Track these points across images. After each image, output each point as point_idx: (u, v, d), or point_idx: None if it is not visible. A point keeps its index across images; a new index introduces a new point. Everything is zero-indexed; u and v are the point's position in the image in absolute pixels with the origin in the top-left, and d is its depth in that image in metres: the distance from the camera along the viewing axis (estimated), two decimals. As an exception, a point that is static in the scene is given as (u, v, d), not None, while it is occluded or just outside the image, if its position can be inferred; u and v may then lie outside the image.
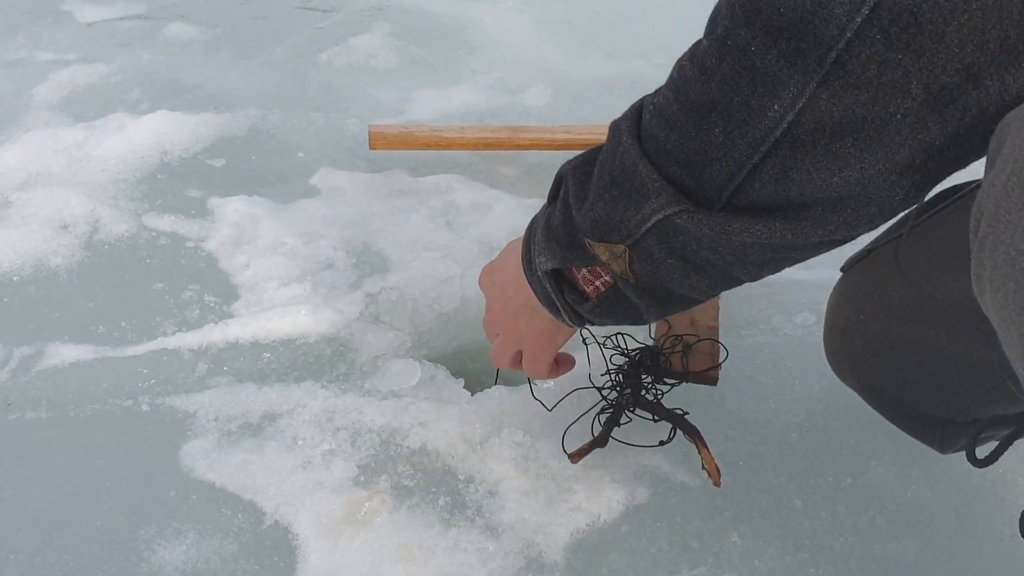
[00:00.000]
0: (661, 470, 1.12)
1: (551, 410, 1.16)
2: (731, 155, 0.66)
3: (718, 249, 0.71)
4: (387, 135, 1.70)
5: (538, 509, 1.06)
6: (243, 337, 1.29)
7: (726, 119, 0.65)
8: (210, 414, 1.17)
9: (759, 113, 0.63)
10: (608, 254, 0.78)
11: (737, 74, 0.63)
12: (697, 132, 0.67)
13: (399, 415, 1.17)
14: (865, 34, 0.57)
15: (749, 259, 0.72)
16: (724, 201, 0.68)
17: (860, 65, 0.58)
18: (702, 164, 0.68)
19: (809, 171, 0.64)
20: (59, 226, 1.48)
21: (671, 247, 0.73)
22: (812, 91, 0.60)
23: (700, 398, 1.21)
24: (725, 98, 0.64)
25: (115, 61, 2.03)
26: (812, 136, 0.62)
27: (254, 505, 1.06)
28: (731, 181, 0.67)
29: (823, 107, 0.61)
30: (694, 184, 0.69)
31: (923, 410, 1.05)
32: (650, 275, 0.77)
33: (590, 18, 2.33)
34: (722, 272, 0.74)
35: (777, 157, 0.64)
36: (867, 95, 0.59)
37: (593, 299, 0.85)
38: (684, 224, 0.70)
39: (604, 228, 0.76)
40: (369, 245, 1.48)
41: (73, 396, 1.20)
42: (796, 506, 1.10)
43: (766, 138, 0.63)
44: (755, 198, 0.67)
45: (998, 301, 0.54)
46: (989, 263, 0.54)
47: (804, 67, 0.60)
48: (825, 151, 0.62)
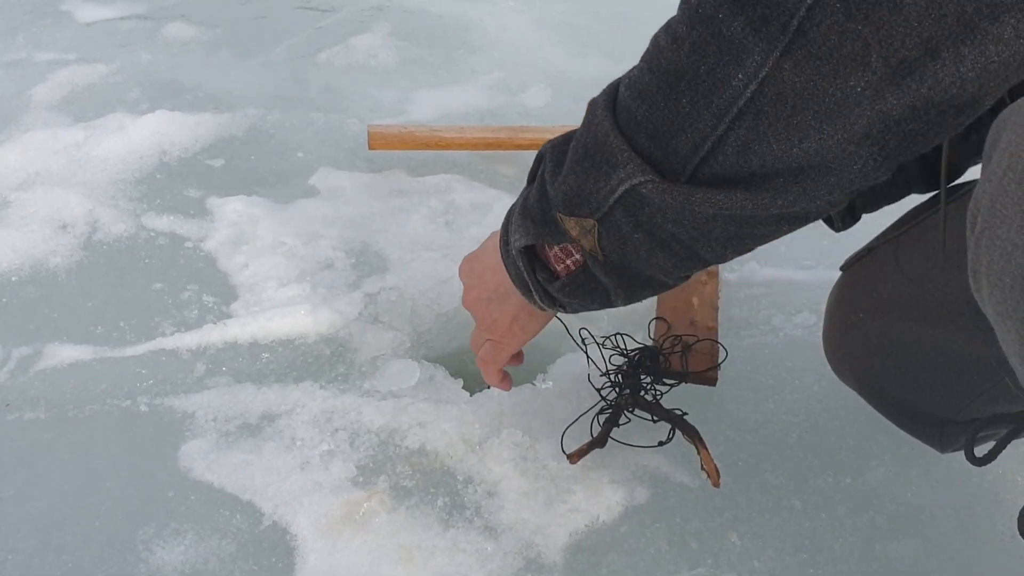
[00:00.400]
0: (660, 471, 1.12)
1: None
2: (696, 126, 0.66)
3: (682, 223, 0.71)
4: (386, 135, 1.70)
5: (537, 510, 1.06)
6: (242, 337, 1.28)
7: (693, 88, 0.65)
8: (209, 414, 1.17)
9: (724, 82, 0.63)
10: (578, 229, 0.78)
11: (705, 42, 0.64)
12: (666, 102, 0.67)
13: (398, 415, 1.17)
14: (825, 2, 0.58)
15: (712, 234, 0.72)
16: (689, 173, 0.69)
17: (821, 35, 0.58)
18: (669, 135, 0.68)
19: (770, 142, 0.64)
20: (58, 226, 1.48)
21: (638, 220, 0.73)
22: (775, 60, 0.60)
23: (699, 398, 1.21)
24: (693, 67, 0.65)
25: (115, 61, 2.03)
26: (774, 106, 0.62)
27: (252, 505, 1.06)
28: (696, 153, 0.67)
29: (786, 77, 0.61)
30: (661, 156, 0.70)
31: (923, 409, 1.05)
32: (618, 252, 0.77)
33: (590, 18, 2.33)
34: (687, 248, 0.74)
35: (740, 129, 0.64)
36: (828, 66, 0.59)
37: (563, 277, 0.85)
38: (649, 194, 0.71)
39: (575, 201, 0.76)
40: (368, 245, 1.48)
41: (72, 396, 1.20)
42: (795, 506, 1.10)
43: (730, 108, 0.64)
44: (719, 170, 0.67)
45: (995, 296, 0.54)
46: (986, 258, 0.54)
47: (768, 35, 0.60)
48: (787, 123, 0.63)
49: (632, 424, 1.15)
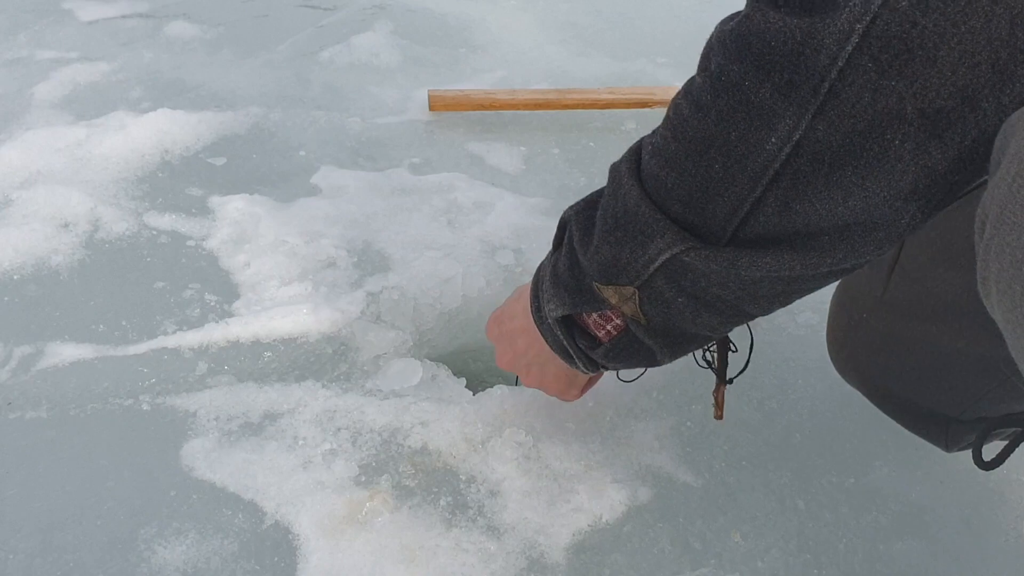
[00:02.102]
0: (664, 470, 1.12)
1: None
2: (732, 190, 0.66)
3: (728, 284, 0.71)
4: (445, 97, 1.85)
5: (540, 509, 1.06)
6: (244, 336, 1.28)
7: (725, 155, 0.65)
8: (211, 413, 1.17)
9: (757, 147, 0.63)
10: (618, 297, 0.77)
11: (733, 109, 0.63)
12: (696, 169, 0.67)
13: (400, 415, 1.16)
14: (856, 62, 0.57)
15: (759, 293, 0.72)
16: (729, 235, 0.68)
17: (854, 94, 0.58)
18: (704, 201, 0.68)
19: (812, 201, 0.63)
20: (60, 225, 1.48)
21: (680, 285, 0.73)
22: (808, 122, 0.60)
23: (703, 398, 1.20)
24: (722, 134, 0.64)
25: (116, 60, 2.03)
26: (812, 166, 0.62)
27: (255, 505, 1.06)
28: (735, 215, 0.67)
29: (820, 137, 0.60)
30: (698, 220, 0.69)
31: (927, 408, 1.04)
32: (661, 315, 0.77)
33: (593, 17, 2.33)
34: (733, 307, 0.74)
35: (779, 189, 0.64)
36: (863, 123, 0.59)
37: (605, 343, 0.85)
38: (692, 261, 0.70)
39: (611, 271, 0.76)
40: (370, 244, 1.47)
41: (74, 395, 1.20)
42: (799, 506, 1.09)
43: (765, 171, 0.64)
44: (761, 231, 0.67)
45: (1004, 304, 0.53)
46: (995, 266, 0.53)
47: (798, 99, 0.60)
48: (826, 180, 0.62)
49: (636, 423, 1.15)
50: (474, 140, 1.78)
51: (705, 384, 1.23)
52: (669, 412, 1.19)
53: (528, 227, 1.52)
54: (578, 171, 1.70)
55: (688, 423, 1.18)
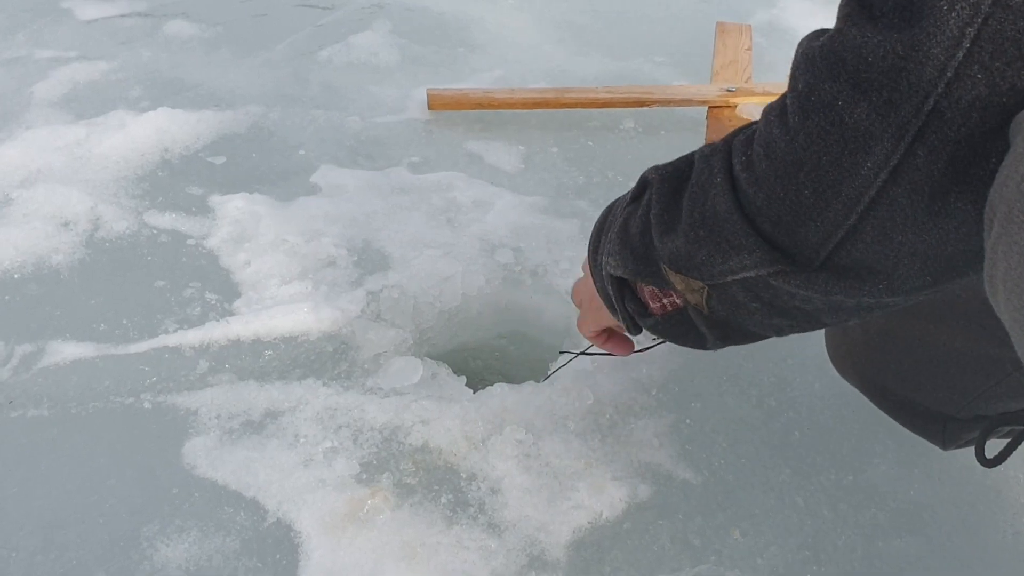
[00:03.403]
0: (663, 468, 1.12)
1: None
2: (824, 216, 0.62)
3: (812, 301, 0.68)
4: (444, 96, 1.85)
5: (540, 507, 1.06)
6: (244, 335, 1.28)
7: (815, 180, 0.61)
8: (212, 412, 1.17)
9: (851, 172, 0.59)
10: (685, 284, 0.75)
11: (824, 131, 0.59)
12: (786, 193, 0.63)
13: (401, 413, 1.17)
14: (965, 73, 0.53)
15: (845, 308, 0.69)
16: (823, 259, 0.64)
17: (960, 113, 0.54)
18: (794, 225, 0.64)
19: (916, 231, 0.59)
20: (60, 224, 1.48)
21: (759, 295, 0.70)
22: (907, 146, 0.56)
23: (701, 396, 1.21)
24: (813, 158, 0.61)
25: (116, 59, 2.03)
26: (910, 197, 0.58)
27: (256, 503, 1.06)
28: (828, 241, 0.63)
29: (920, 164, 0.56)
30: (788, 242, 0.65)
31: (925, 406, 1.05)
32: (728, 312, 0.74)
33: (591, 17, 2.33)
34: (809, 317, 0.71)
35: (876, 218, 0.60)
36: (967, 149, 0.54)
37: (657, 316, 0.82)
38: (779, 284, 0.67)
39: (685, 263, 0.73)
40: (370, 243, 1.48)
41: (75, 393, 1.20)
42: (798, 504, 1.10)
43: (860, 198, 0.59)
44: (858, 257, 0.63)
45: (1012, 303, 0.52)
46: (1003, 264, 0.52)
47: (898, 120, 0.55)
48: (928, 211, 0.58)
49: (636, 420, 1.16)
50: (473, 139, 1.78)
51: (704, 383, 1.24)
52: (668, 410, 1.19)
53: (527, 225, 1.52)
54: (576, 170, 1.71)
55: (688, 421, 1.18)
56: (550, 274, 1.42)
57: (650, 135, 1.79)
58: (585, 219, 1.52)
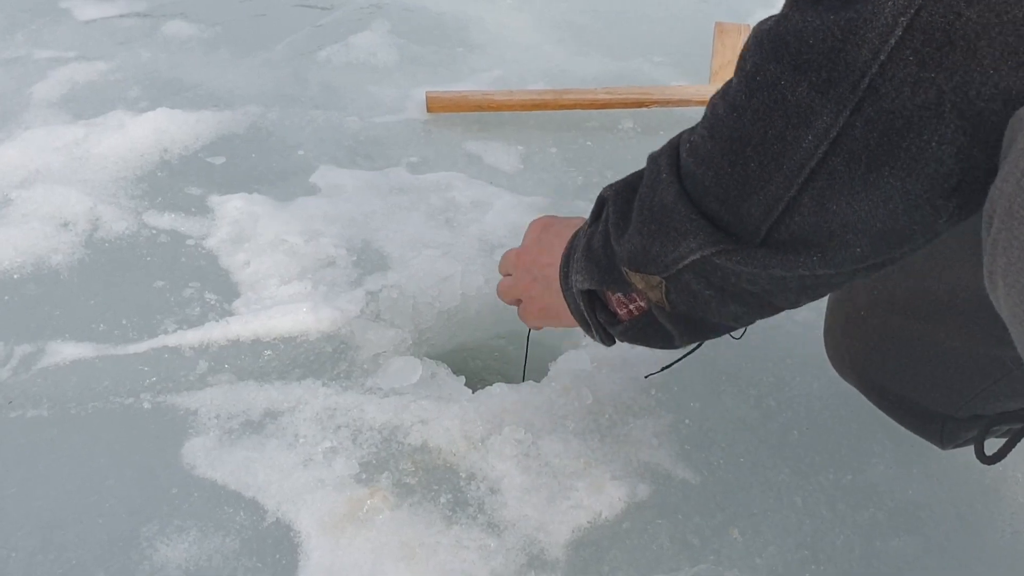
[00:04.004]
0: (662, 467, 1.12)
1: None
2: (767, 189, 0.65)
3: (757, 281, 0.71)
4: (443, 98, 1.85)
5: (539, 506, 1.06)
6: (244, 335, 1.29)
7: (761, 153, 0.65)
8: (211, 412, 1.17)
9: (793, 145, 0.62)
10: (644, 283, 0.78)
11: (768, 108, 0.63)
12: (733, 168, 0.67)
13: (400, 413, 1.17)
14: (898, 56, 0.56)
15: (789, 287, 0.71)
16: (763, 235, 0.68)
17: (894, 89, 0.57)
18: (739, 199, 0.68)
19: (849, 202, 0.62)
20: (59, 224, 1.48)
21: (709, 281, 0.73)
22: (846, 119, 0.59)
23: (700, 395, 1.21)
24: (758, 133, 0.64)
25: (114, 59, 2.04)
26: (848, 166, 0.61)
27: (255, 503, 1.06)
28: (769, 215, 0.67)
29: (858, 135, 0.60)
30: (732, 219, 0.69)
31: (923, 405, 1.05)
32: (687, 305, 0.77)
33: (590, 17, 2.33)
34: (761, 300, 0.74)
35: (814, 189, 0.63)
36: (901, 120, 0.58)
37: (626, 322, 0.86)
38: (723, 263, 0.70)
39: (641, 260, 0.76)
40: (369, 243, 1.48)
41: (74, 394, 1.20)
42: (797, 503, 1.10)
43: (801, 169, 0.63)
44: (796, 231, 0.66)
45: (1012, 299, 0.53)
46: (1002, 260, 0.52)
47: (836, 96, 0.59)
48: (863, 181, 0.61)
49: (635, 419, 1.16)
50: (472, 139, 1.79)
51: (703, 382, 1.24)
52: (668, 410, 1.20)
53: (526, 226, 1.52)
54: (575, 170, 1.71)
55: (686, 420, 1.18)
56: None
57: (649, 135, 1.79)
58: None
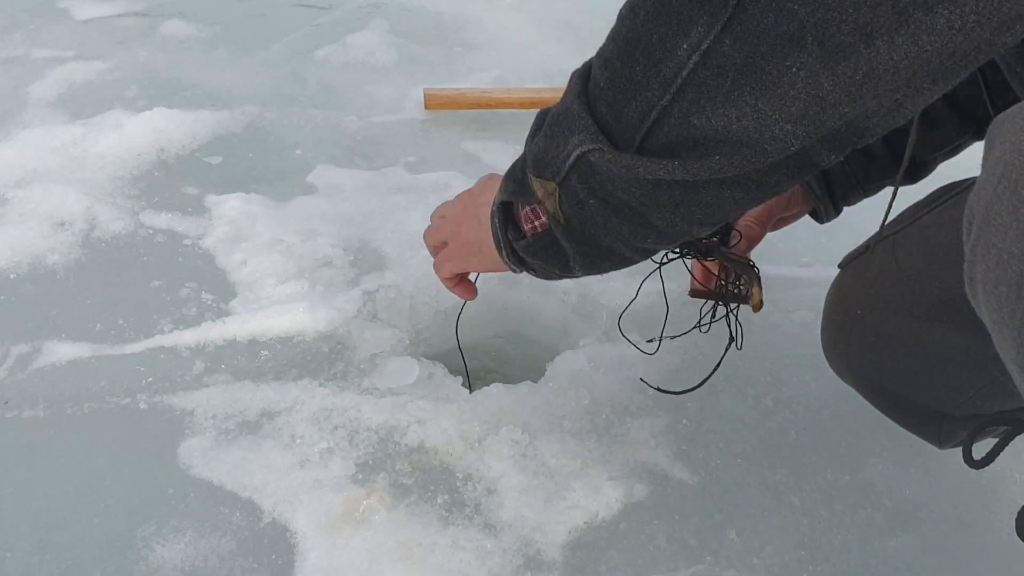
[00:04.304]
0: (659, 467, 1.12)
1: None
2: (645, 95, 0.67)
3: (630, 190, 0.72)
4: (440, 96, 1.85)
5: (536, 507, 1.06)
6: (241, 335, 1.28)
7: (646, 56, 0.66)
8: (208, 412, 1.17)
9: (671, 51, 0.64)
10: (543, 191, 0.79)
11: (657, 12, 0.65)
12: (623, 68, 0.68)
13: (397, 413, 1.17)
14: None
15: (660, 200, 0.72)
16: (638, 143, 0.69)
17: (759, 11, 0.59)
18: (623, 103, 0.69)
19: (709, 116, 0.64)
20: (56, 223, 1.48)
21: (591, 186, 0.74)
22: (717, 33, 0.61)
23: (698, 395, 1.21)
24: (647, 35, 0.66)
25: (112, 58, 2.03)
26: (715, 79, 0.63)
27: (252, 503, 1.06)
28: (643, 122, 0.68)
29: (726, 51, 0.62)
30: (615, 124, 0.70)
31: (921, 405, 1.05)
32: (577, 216, 0.78)
33: (588, 16, 2.33)
34: (638, 215, 0.75)
35: (684, 100, 0.65)
36: (766, 45, 0.60)
37: (528, 237, 0.85)
38: (597, 162, 0.72)
39: (541, 163, 0.77)
40: (367, 243, 1.48)
41: (70, 394, 1.20)
42: (794, 503, 1.10)
43: (675, 78, 0.65)
44: (664, 140, 0.68)
45: (991, 304, 0.54)
46: (981, 266, 0.54)
47: (711, 8, 0.61)
48: (725, 97, 0.63)
49: (632, 420, 1.16)
50: (470, 138, 1.79)
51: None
52: (665, 410, 1.19)
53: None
54: (574, 169, 1.71)
55: (684, 421, 1.18)
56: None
57: (647, 134, 1.78)
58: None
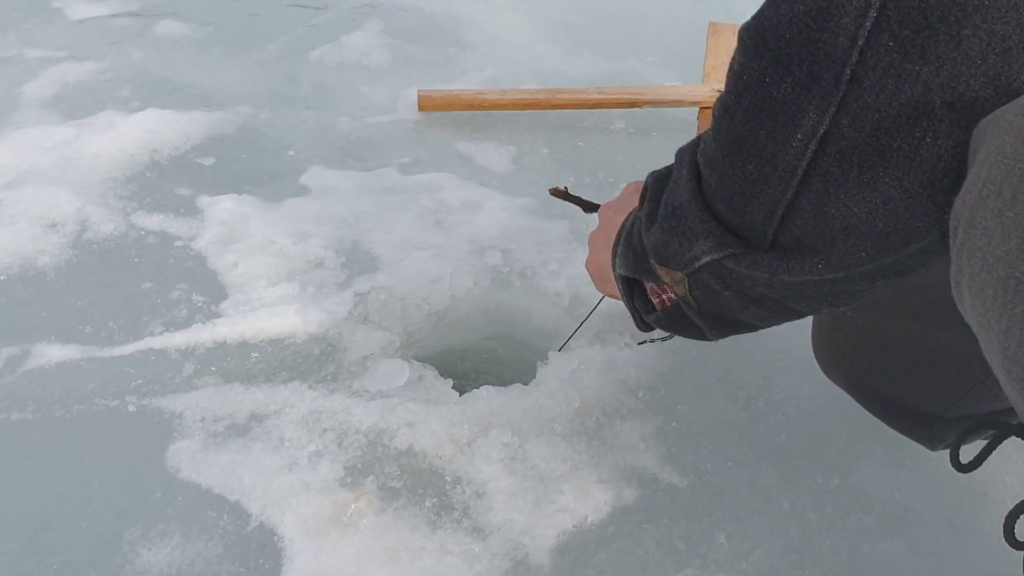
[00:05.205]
0: (649, 471, 1.12)
1: None
2: (766, 191, 0.64)
3: (773, 286, 0.70)
4: (434, 97, 1.85)
5: (525, 510, 1.06)
6: (231, 337, 1.28)
7: (756, 155, 0.64)
8: (197, 415, 1.17)
9: (784, 145, 0.61)
10: (670, 277, 0.78)
11: (757, 107, 0.62)
12: (733, 170, 0.66)
13: (387, 416, 1.17)
14: (876, 41, 0.55)
15: (805, 293, 0.70)
16: (771, 239, 0.67)
17: (877, 80, 0.55)
18: (743, 202, 0.67)
19: (847, 204, 0.61)
20: (47, 225, 1.48)
21: (726, 282, 0.73)
22: (832, 116, 0.58)
23: (688, 396, 1.21)
24: (751, 133, 0.63)
25: (106, 59, 2.03)
26: (840, 166, 0.59)
27: (240, 506, 1.06)
28: (771, 218, 0.66)
29: (846, 133, 0.58)
30: (739, 223, 0.68)
31: (912, 406, 1.04)
32: (711, 302, 0.77)
33: (585, 16, 2.32)
34: (780, 304, 0.73)
35: (811, 191, 0.62)
36: (889, 118, 0.56)
37: (658, 311, 0.86)
38: (734, 267, 0.70)
39: (663, 255, 0.76)
40: (359, 244, 1.47)
41: (60, 396, 1.19)
42: (784, 507, 1.09)
43: (795, 170, 0.62)
44: (799, 235, 0.65)
45: (977, 308, 0.53)
46: (967, 269, 0.53)
47: (820, 91, 0.58)
48: (858, 181, 0.59)
49: (622, 422, 1.16)
50: (463, 140, 1.78)
51: (692, 384, 1.23)
52: (655, 412, 1.19)
53: (517, 227, 1.52)
54: (567, 171, 1.70)
55: (674, 423, 1.18)
56: (539, 276, 1.42)
57: (641, 136, 1.78)
58: (575, 221, 1.51)
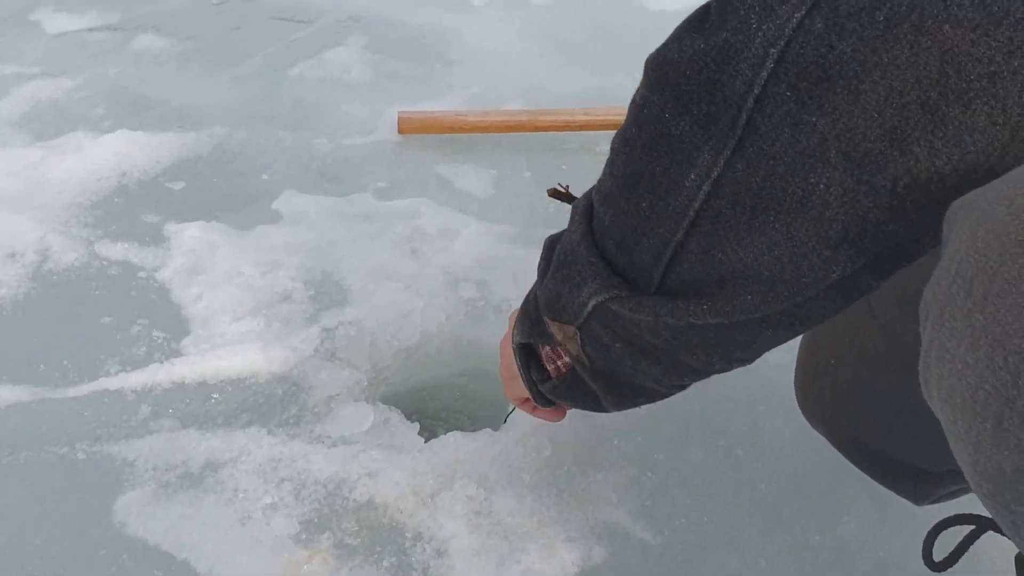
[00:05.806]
0: (620, 527, 1.06)
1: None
2: (656, 231, 0.62)
3: (659, 333, 0.67)
4: (413, 119, 1.78)
5: (487, 570, 1.01)
6: (190, 377, 1.23)
7: (651, 191, 0.61)
8: (149, 462, 1.12)
9: (678, 183, 0.59)
10: (562, 334, 0.75)
11: (655, 143, 0.60)
12: (628, 205, 0.64)
13: (347, 464, 1.11)
14: (774, 90, 0.53)
15: (692, 342, 0.67)
16: (657, 283, 0.64)
17: (773, 128, 0.54)
18: (633, 242, 0.64)
19: (735, 248, 0.59)
20: (7, 255, 1.43)
21: (614, 331, 0.70)
22: (727, 159, 0.56)
23: (667, 445, 1.15)
24: (648, 168, 0.61)
25: (81, 75, 1.98)
26: (733, 209, 0.58)
27: (187, 565, 1.01)
28: (659, 260, 0.63)
29: (740, 177, 0.56)
30: (627, 264, 0.66)
31: (896, 459, 1.00)
32: (603, 358, 0.73)
33: (574, 29, 2.27)
34: (669, 356, 0.70)
35: (700, 234, 0.60)
36: (784, 164, 0.54)
37: (553, 379, 0.82)
38: (619, 310, 0.67)
39: (555, 307, 0.73)
40: (329, 275, 1.42)
41: (7, 442, 1.14)
42: (761, 565, 1.04)
43: (687, 210, 0.60)
44: (685, 278, 0.63)
45: (946, 414, 0.49)
46: (936, 371, 0.49)
47: (717, 132, 0.56)
48: (748, 226, 0.57)
49: (595, 472, 1.10)
50: (443, 162, 1.73)
51: (671, 430, 1.18)
52: (630, 461, 1.14)
53: (494, 256, 1.46)
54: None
55: (649, 473, 1.13)
56: (515, 309, 1.36)
57: (627, 157, 1.73)
58: (553, 250, 1.46)
